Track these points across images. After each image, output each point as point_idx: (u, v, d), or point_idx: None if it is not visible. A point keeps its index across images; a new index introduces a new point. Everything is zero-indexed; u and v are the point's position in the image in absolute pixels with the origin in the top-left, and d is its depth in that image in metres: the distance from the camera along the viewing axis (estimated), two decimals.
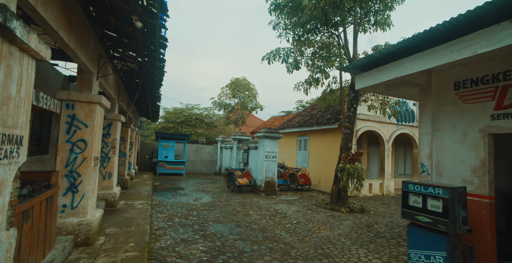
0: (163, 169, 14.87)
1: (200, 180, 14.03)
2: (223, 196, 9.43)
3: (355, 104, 8.25)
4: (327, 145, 12.53)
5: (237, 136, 14.56)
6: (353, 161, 8.09)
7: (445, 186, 3.08)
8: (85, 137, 4.06)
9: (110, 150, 6.52)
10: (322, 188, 12.56)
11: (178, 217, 6.34)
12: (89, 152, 4.07)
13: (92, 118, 4.12)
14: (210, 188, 11.21)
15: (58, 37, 2.90)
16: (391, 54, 3.73)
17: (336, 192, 8.41)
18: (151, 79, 6.10)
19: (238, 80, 19.73)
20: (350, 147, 8.42)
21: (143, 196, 7.96)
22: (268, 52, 9.15)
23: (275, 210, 7.57)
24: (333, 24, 8.59)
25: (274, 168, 10.69)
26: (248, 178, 10.79)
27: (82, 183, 4.00)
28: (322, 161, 12.83)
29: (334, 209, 8.00)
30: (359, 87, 4.59)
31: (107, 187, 6.45)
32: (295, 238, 5.21)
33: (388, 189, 11.91)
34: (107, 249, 3.84)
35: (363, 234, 5.66)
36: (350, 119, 8.31)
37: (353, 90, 8.23)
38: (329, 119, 12.08)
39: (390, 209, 8.52)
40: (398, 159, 14.34)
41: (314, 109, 16.11)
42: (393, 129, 12.46)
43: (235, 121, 20.81)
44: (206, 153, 18.14)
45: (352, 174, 7.94)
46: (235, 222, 6.15)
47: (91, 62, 4.14)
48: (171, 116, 24.68)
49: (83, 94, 4.05)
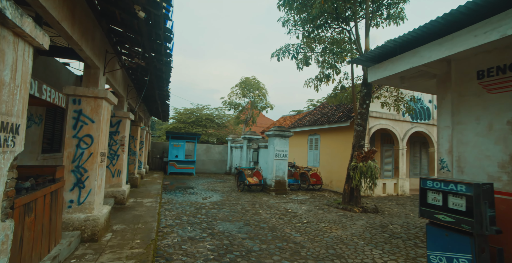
0: (174, 168, 14.93)
1: (210, 179, 13.99)
2: (232, 195, 9.32)
3: (367, 101, 7.97)
4: (339, 143, 12.23)
5: (247, 135, 14.45)
6: (366, 159, 7.81)
7: (469, 182, 2.84)
8: (91, 132, 4.03)
9: (119, 147, 6.52)
10: (334, 188, 12.26)
11: (187, 215, 6.26)
12: (96, 148, 4.04)
13: (99, 114, 4.08)
14: (220, 187, 11.13)
15: (60, 29, 2.86)
16: (406, 43, 3.50)
17: (348, 191, 8.15)
18: (158, 75, 6.06)
19: (248, 79, 19.64)
20: (362, 145, 8.14)
21: (152, 194, 7.95)
22: (277, 49, 9.01)
23: (285, 209, 7.38)
24: (343, 18, 8.35)
25: (284, 167, 10.50)
26: (258, 177, 10.65)
27: (88, 179, 3.96)
28: (333, 160, 12.53)
29: (346, 208, 7.73)
30: (372, 80, 4.37)
31: (116, 184, 6.45)
32: (305, 237, 5.02)
33: (403, 189, 11.49)
34: (113, 245, 3.78)
35: (378, 235, 5.40)
36: (363, 116, 8.03)
37: (365, 86, 7.95)
38: (341, 118, 11.78)
39: (405, 209, 8.17)
40: (413, 158, 13.85)
41: (325, 108, 15.81)
42: (408, 128, 12.03)
43: (245, 121, 20.72)
44: (216, 152, 18.12)
45: (365, 173, 7.66)
46: (244, 220, 6.02)
47: (97, 57, 4.11)
48: (182, 117, 24.88)
49: (89, 89, 4.02)
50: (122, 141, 6.58)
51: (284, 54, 8.94)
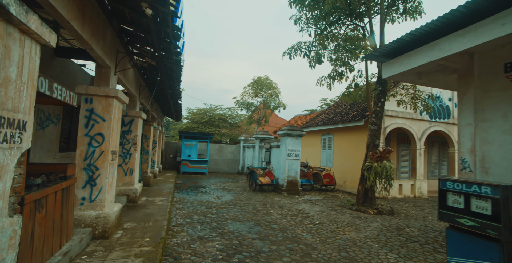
0: (186, 167, 15.07)
1: (223, 179, 14.02)
2: (244, 195, 9.27)
3: (382, 99, 7.71)
4: (353, 143, 11.93)
5: (259, 134, 14.38)
6: (381, 159, 7.55)
7: (495, 183, 2.63)
8: (102, 130, 4.07)
9: (131, 146, 6.61)
10: (348, 189, 11.97)
11: (197, 214, 6.26)
12: (107, 146, 4.08)
13: (109, 112, 4.13)
14: (232, 187, 11.11)
15: (70, 28, 2.88)
16: (424, 36, 3.31)
17: (362, 192, 7.91)
18: (169, 75, 6.09)
19: (260, 79, 19.55)
20: (377, 144, 7.88)
21: (164, 193, 8.02)
22: (289, 47, 8.88)
23: (297, 210, 7.25)
24: (357, 14, 8.11)
25: (296, 167, 10.35)
26: (270, 177, 10.55)
27: (100, 177, 4.01)
28: (347, 160, 12.24)
29: (360, 210, 7.51)
30: (387, 76, 4.18)
31: (128, 182, 6.54)
32: (317, 239, 4.88)
33: (420, 191, 11.06)
34: (123, 243, 3.80)
35: (393, 238, 5.18)
36: (377, 115, 7.77)
37: (380, 83, 7.69)
38: (355, 117, 11.49)
39: (423, 212, 7.83)
40: (431, 159, 13.32)
41: (338, 107, 15.50)
42: (426, 127, 11.57)
43: (257, 120, 20.66)
44: (229, 152, 18.16)
45: (379, 173, 7.40)
46: (254, 220, 5.94)
47: (108, 56, 4.16)
48: (195, 117, 25.13)
49: (101, 88, 4.07)
50: (134, 140, 6.66)
51: (296, 52, 8.80)
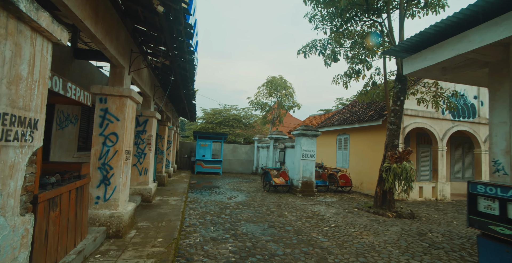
0: (201, 167, 15.16)
1: (237, 179, 13.99)
2: (258, 196, 9.17)
3: (402, 97, 7.38)
4: (370, 143, 11.57)
5: (273, 134, 14.25)
6: (400, 160, 7.24)
7: None
8: (116, 130, 4.10)
9: (146, 146, 6.67)
10: (365, 190, 11.61)
11: (211, 214, 6.22)
12: (120, 145, 4.10)
13: (123, 112, 4.14)
14: (246, 187, 11.04)
15: (84, 27, 2.89)
16: (450, 28, 3.08)
17: (380, 194, 7.61)
18: (183, 74, 6.09)
19: (274, 78, 19.41)
20: (396, 145, 7.56)
21: (178, 193, 8.06)
22: (303, 45, 8.70)
23: (312, 212, 7.07)
24: (375, 10, 7.82)
25: (311, 168, 10.14)
26: (285, 177, 10.40)
27: (114, 176, 4.03)
28: (364, 161, 11.88)
29: (378, 213, 7.22)
30: (408, 72, 3.95)
31: (143, 182, 6.60)
32: (333, 242, 4.71)
33: (442, 194, 10.55)
34: (136, 243, 3.79)
35: (415, 243, 4.91)
36: (396, 114, 7.46)
37: (399, 81, 7.38)
38: (372, 116, 11.13)
39: (446, 216, 7.43)
40: (454, 160, 12.69)
41: (355, 107, 15.11)
42: (448, 126, 11.03)
43: (272, 120, 20.52)
44: (243, 152, 18.14)
45: (399, 175, 7.10)
46: (268, 222, 5.83)
47: (122, 56, 4.18)
48: (209, 117, 25.33)
49: (115, 88, 4.10)
50: (149, 139, 6.72)
51: (311, 50, 8.61)
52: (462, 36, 2.97)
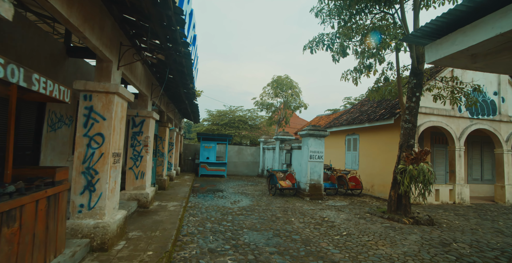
0: (205, 170, 14.76)
1: (241, 182, 13.53)
2: (263, 200, 8.68)
3: (417, 93, 6.82)
4: (381, 144, 10.96)
5: (279, 135, 13.75)
6: (416, 161, 6.66)
7: None
8: (102, 130, 3.69)
9: (142, 148, 6.28)
10: (376, 193, 11.00)
11: (211, 221, 5.77)
12: (107, 147, 3.69)
13: (110, 110, 3.74)
14: (250, 191, 10.57)
15: (51, 8, 2.48)
16: (490, 2, 2.55)
17: (395, 198, 7.03)
18: (180, 71, 5.68)
19: (280, 78, 18.92)
20: (412, 144, 6.98)
21: (179, 197, 7.64)
22: (310, 40, 8.22)
23: (321, 218, 6.55)
24: (386, 1, 7.28)
25: (319, 170, 9.60)
26: (291, 180, 9.89)
27: (99, 181, 3.62)
28: (375, 162, 11.28)
29: (393, 218, 6.65)
30: (432, 61, 3.43)
31: (139, 187, 6.20)
32: (346, 254, 4.19)
33: (461, 197, 9.86)
34: (122, 257, 3.36)
35: (439, 256, 4.35)
36: (412, 111, 6.89)
37: (414, 75, 6.81)
38: (383, 115, 10.54)
39: (469, 223, 6.80)
40: (472, 161, 11.96)
41: (364, 106, 14.50)
42: (466, 125, 10.36)
43: (278, 121, 20.02)
44: (248, 154, 17.68)
45: (415, 177, 6.52)
46: (273, 230, 5.34)
47: (109, 49, 3.78)
48: (215, 119, 24.98)
49: (100, 84, 3.69)
50: (145, 141, 6.32)
51: (318, 45, 8.11)
52: (506, 10, 2.44)
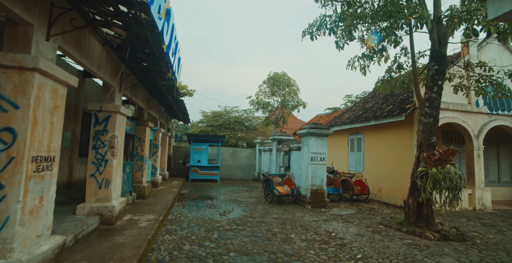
0: (196, 174, 13.55)
1: (236, 187, 12.34)
2: (258, 209, 7.51)
3: (439, 81, 5.71)
4: (389, 143, 9.86)
5: (276, 135, 12.59)
6: (441, 163, 5.54)
7: None
8: (12, 124, 2.52)
9: (107, 150, 5.10)
10: (384, 198, 9.88)
11: (191, 241, 4.59)
12: (21, 149, 2.52)
13: (27, 95, 2.57)
14: (245, 198, 9.39)
15: None
16: None
17: (414, 207, 5.90)
18: (150, 53, 4.53)
19: (277, 75, 17.76)
20: (434, 143, 5.87)
21: (158, 208, 6.44)
22: (310, 23, 7.10)
23: (327, 233, 5.39)
24: None
25: (322, 173, 8.45)
26: (290, 185, 8.73)
27: (4, 200, 2.44)
28: (382, 164, 10.16)
29: (414, 232, 5.50)
30: (496, 16, 2.32)
31: (103, 198, 5.01)
32: None
33: (482, 202, 8.75)
34: None
35: None
36: (433, 103, 5.78)
37: (436, 60, 5.71)
38: (392, 111, 9.44)
39: (506, 237, 5.65)
40: (487, 162, 10.86)
41: (367, 103, 13.41)
42: (484, 121, 9.29)
43: (275, 121, 18.88)
44: (243, 156, 16.50)
45: (440, 182, 5.40)
46: (268, 253, 4.17)
47: (25, 5, 2.62)
48: (209, 120, 23.79)
49: (8, 55, 2.52)
50: (111, 142, 5.14)
51: (320, 29, 6.99)
52: None
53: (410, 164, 8.86)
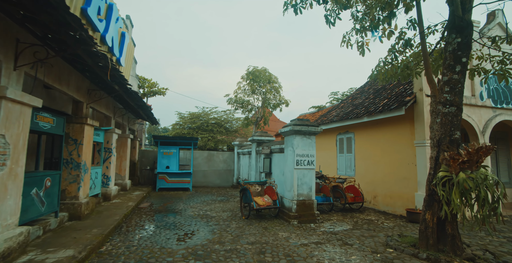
0: (164, 182, 11.67)
1: (210, 196, 10.59)
2: (230, 228, 5.85)
3: (464, 58, 4.36)
4: (385, 143, 8.57)
5: (255, 136, 10.95)
6: (470, 166, 4.15)
7: None
8: None
9: None
10: (381, 206, 8.55)
11: None
12: None
13: None
14: (217, 211, 7.69)
15: None
16: None
17: (433, 225, 4.48)
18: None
19: (257, 70, 16.22)
20: (457, 139, 4.50)
21: (90, 236, 4.63)
22: None
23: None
24: None
25: (310, 181, 6.93)
26: (272, 196, 7.14)
27: None
28: (377, 166, 8.85)
29: (438, 261, 4.06)
30: None
31: None
32: None
33: None
34: None
35: None
36: (455, 87, 4.42)
37: (458, 31, 4.36)
38: (388, 105, 8.15)
39: None
40: (492, 161, 9.83)
41: (356, 99, 12.17)
42: (489, 116, 8.21)
43: (255, 122, 17.32)
44: (220, 160, 14.77)
45: (470, 191, 4.01)
46: None
47: None
48: (187, 122, 21.85)
49: None
50: None
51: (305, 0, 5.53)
52: None
53: (411, 166, 7.57)
